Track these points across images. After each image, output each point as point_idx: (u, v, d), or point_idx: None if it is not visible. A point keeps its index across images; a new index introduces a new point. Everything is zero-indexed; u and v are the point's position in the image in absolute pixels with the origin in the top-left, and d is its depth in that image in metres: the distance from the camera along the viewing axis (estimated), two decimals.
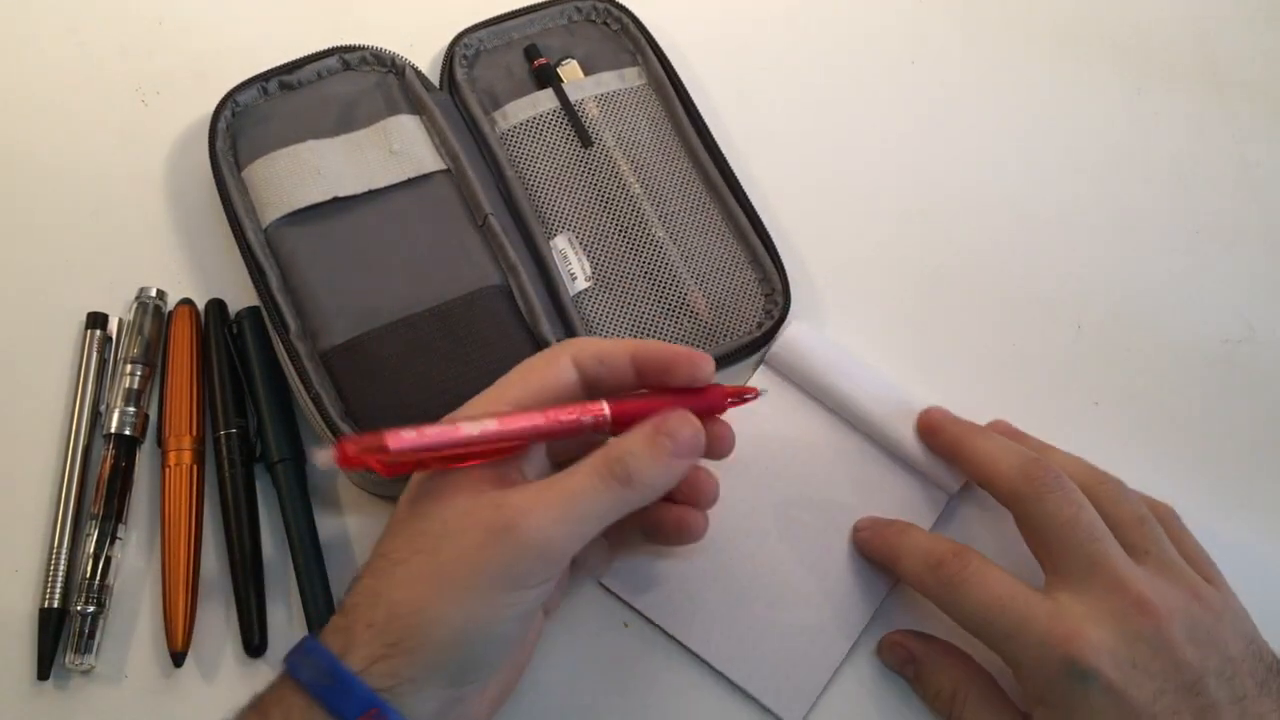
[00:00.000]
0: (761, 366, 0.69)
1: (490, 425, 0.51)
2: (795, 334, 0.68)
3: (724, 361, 0.70)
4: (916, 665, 0.61)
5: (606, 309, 0.70)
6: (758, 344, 0.70)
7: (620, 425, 0.54)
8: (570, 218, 0.73)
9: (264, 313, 0.67)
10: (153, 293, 0.68)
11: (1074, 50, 0.83)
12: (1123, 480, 0.60)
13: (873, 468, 0.66)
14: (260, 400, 0.65)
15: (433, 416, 0.59)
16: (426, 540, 0.50)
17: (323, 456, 0.46)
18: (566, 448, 0.57)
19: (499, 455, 0.51)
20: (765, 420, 0.62)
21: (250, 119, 0.73)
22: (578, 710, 0.61)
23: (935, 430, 0.64)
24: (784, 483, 0.65)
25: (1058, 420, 0.68)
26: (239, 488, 0.64)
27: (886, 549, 0.62)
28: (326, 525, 0.64)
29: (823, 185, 0.77)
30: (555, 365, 0.54)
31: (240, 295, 0.69)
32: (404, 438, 0.48)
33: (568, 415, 0.53)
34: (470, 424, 0.50)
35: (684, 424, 0.52)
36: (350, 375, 0.64)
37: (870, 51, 0.82)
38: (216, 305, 0.68)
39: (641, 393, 0.55)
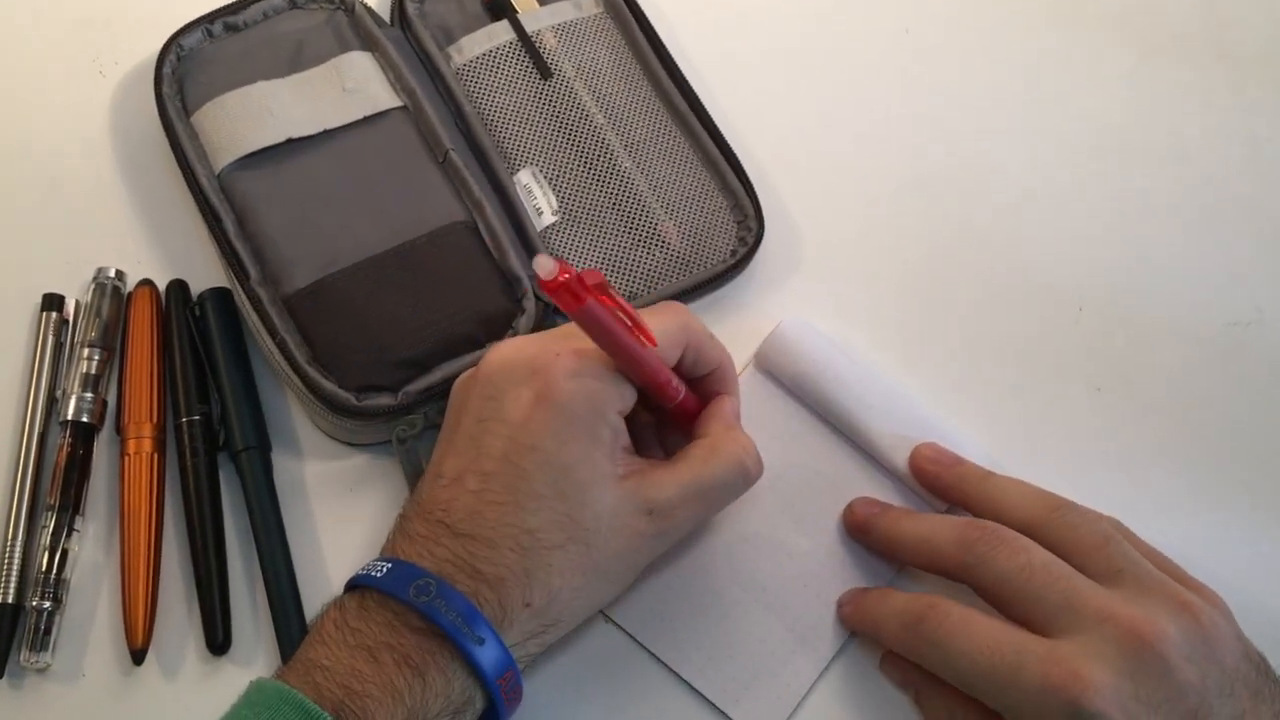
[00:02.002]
0: (750, 367, 0.65)
1: (653, 359, 0.52)
2: (787, 331, 0.64)
3: (699, 291, 0.67)
4: (917, 688, 0.58)
5: (576, 243, 0.67)
6: (732, 271, 0.67)
7: (678, 410, 0.56)
8: (533, 152, 0.69)
9: (223, 261, 0.63)
10: (111, 273, 0.64)
11: (1074, 18, 0.77)
12: (1074, 500, 0.57)
13: (863, 482, 0.63)
14: (224, 385, 0.62)
15: (404, 357, 0.60)
16: (578, 530, 0.51)
17: (546, 264, 0.44)
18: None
19: (629, 371, 0.53)
20: (751, 425, 0.58)
21: (196, 62, 0.67)
22: (550, 707, 0.58)
23: (865, 529, 0.61)
24: (767, 493, 0.61)
25: (1057, 407, 0.66)
26: (202, 477, 0.60)
27: (867, 621, 0.59)
28: (293, 517, 0.61)
29: (804, 138, 0.73)
30: (685, 336, 0.55)
31: (203, 276, 0.65)
32: (598, 310, 0.48)
33: (674, 387, 0.55)
34: (641, 348, 0.51)
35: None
36: (315, 319, 0.61)
37: (860, 14, 0.77)
38: (178, 286, 0.64)
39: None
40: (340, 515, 0.62)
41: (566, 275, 0.45)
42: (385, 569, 0.51)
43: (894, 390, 0.64)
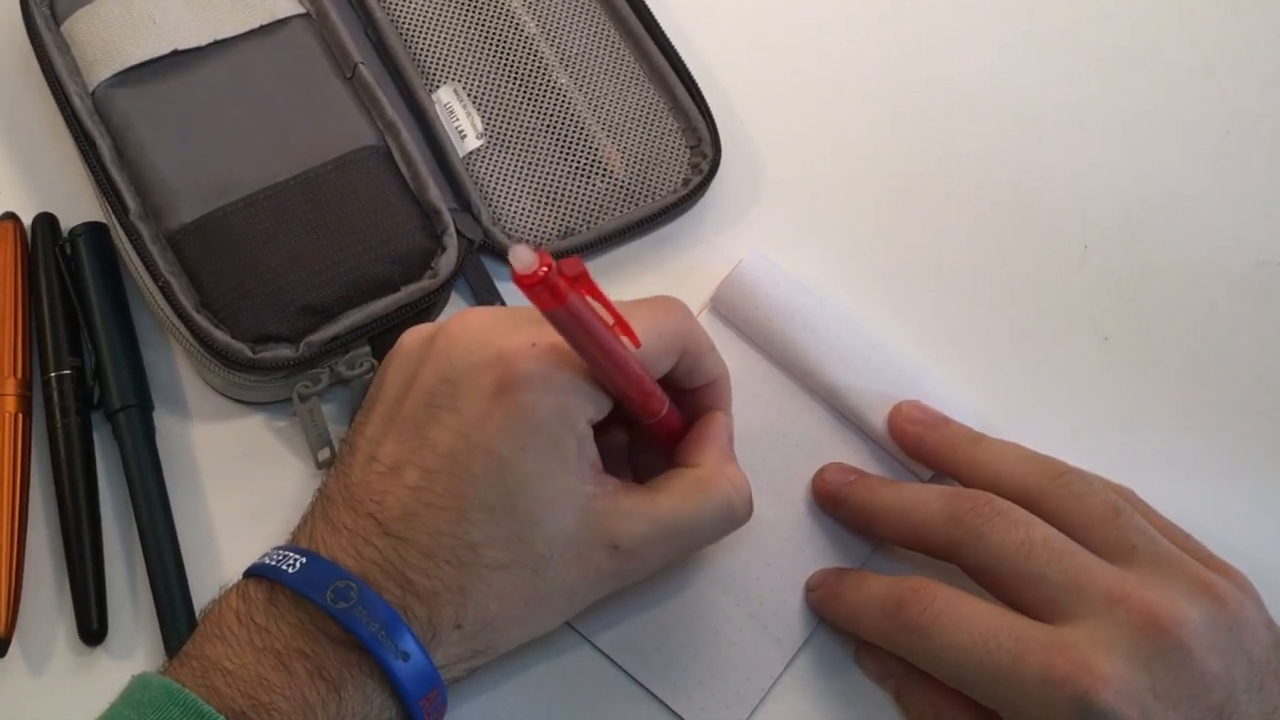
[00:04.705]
0: (706, 311, 0.64)
1: (636, 367, 0.49)
2: (747, 270, 0.62)
3: (647, 225, 0.64)
4: (897, 682, 0.56)
5: (504, 170, 0.65)
6: (685, 203, 0.65)
7: (659, 426, 0.53)
8: (455, 66, 0.67)
9: (97, 192, 0.60)
10: None
11: None
12: (1080, 467, 0.55)
13: (836, 445, 0.61)
14: (99, 335, 0.59)
15: (306, 303, 0.58)
16: (527, 554, 0.48)
17: (525, 255, 0.42)
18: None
19: (607, 379, 0.49)
20: None
21: None
22: (475, 704, 0.56)
23: (837, 499, 0.59)
24: None
25: (1059, 359, 0.64)
26: (73, 441, 0.58)
27: (841, 608, 0.56)
28: (178, 486, 0.59)
29: (767, 49, 0.71)
30: (682, 343, 0.52)
31: (75, 209, 0.63)
32: (581, 309, 0.45)
33: (658, 400, 0.52)
34: (628, 352, 0.48)
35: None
36: (205, 259, 0.59)
37: None
38: (46, 220, 0.62)
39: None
40: (233, 484, 0.60)
41: (547, 268, 0.42)
42: (300, 563, 0.48)
43: (871, 339, 0.62)
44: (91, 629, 0.55)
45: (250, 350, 0.56)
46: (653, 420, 0.52)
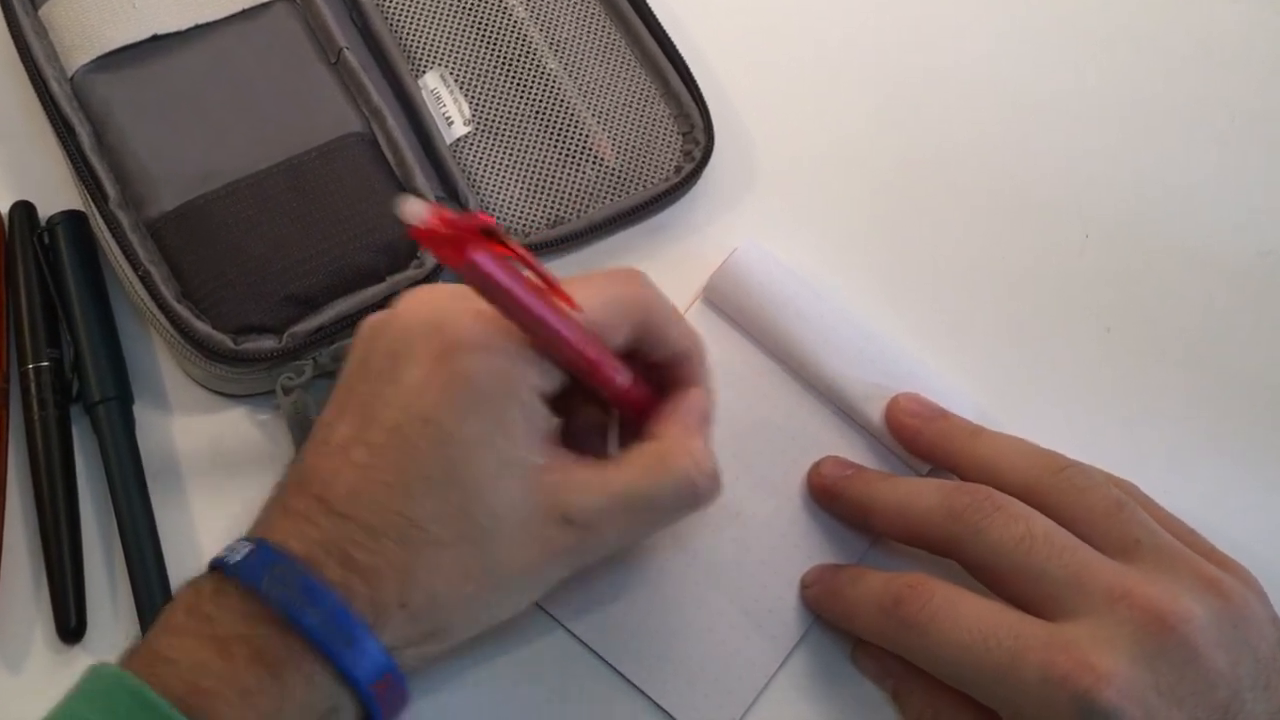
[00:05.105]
0: (699, 302, 0.63)
1: (573, 332, 0.47)
2: (741, 260, 0.62)
3: (639, 214, 0.64)
4: (895, 681, 0.56)
5: (492, 158, 0.64)
6: (677, 191, 0.64)
7: (623, 400, 0.51)
8: (442, 51, 0.66)
9: (76, 180, 0.60)
10: None
11: None
12: (1081, 461, 0.54)
13: (832, 438, 0.60)
14: (78, 326, 0.59)
15: (290, 292, 0.58)
16: (472, 528, 0.47)
17: (414, 206, 0.41)
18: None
19: (542, 345, 0.48)
20: None
21: None
22: (454, 703, 0.55)
23: (833, 494, 0.58)
24: (718, 453, 0.57)
25: (1059, 351, 0.63)
26: (51, 434, 0.57)
27: (837, 605, 0.56)
28: (159, 480, 0.58)
29: (761, 33, 0.70)
30: (633, 311, 0.51)
31: (53, 198, 0.62)
32: (491, 266, 0.44)
33: (609, 370, 0.50)
34: (562, 316, 0.47)
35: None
36: (186, 248, 0.58)
37: None
38: (23, 209, 0.61)
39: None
40: (214, 478, 0.59)
41: (439, 220, 0.41)
42: (246, 550, 0.47)
43: (867, 330, 0.61)
44: (70, 626, 0.54)
45: (232, 341, 0.56)
46: (612, 393, 0.51)
